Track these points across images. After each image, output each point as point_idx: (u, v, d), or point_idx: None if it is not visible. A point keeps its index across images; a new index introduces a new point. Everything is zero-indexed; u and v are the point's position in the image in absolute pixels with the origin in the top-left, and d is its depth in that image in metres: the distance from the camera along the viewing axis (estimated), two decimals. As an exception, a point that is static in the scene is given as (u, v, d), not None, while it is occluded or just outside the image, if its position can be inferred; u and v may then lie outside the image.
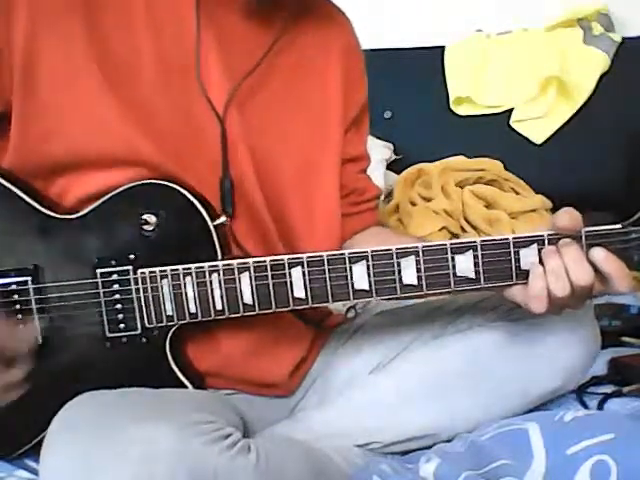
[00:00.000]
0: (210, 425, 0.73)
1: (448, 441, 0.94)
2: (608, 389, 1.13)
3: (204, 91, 0.89)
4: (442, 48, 2.26)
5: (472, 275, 0.83)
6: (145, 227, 0.85)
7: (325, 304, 0.85)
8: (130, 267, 0.85)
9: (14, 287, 0.85)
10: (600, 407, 1.09)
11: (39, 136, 0.86)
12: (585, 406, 1.08)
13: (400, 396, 0.96)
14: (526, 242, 0.82)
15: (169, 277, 0.84)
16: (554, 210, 1.87)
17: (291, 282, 0.83)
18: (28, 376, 0.85)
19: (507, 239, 0.83)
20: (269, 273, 0.83)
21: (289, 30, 0.97)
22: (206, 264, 0.84)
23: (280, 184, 0.96)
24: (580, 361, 0.99)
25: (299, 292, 0.84)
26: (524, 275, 0.83)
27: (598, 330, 1.01)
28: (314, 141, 1.00)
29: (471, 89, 2.20)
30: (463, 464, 0.82)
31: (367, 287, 0.83)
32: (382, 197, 2.01)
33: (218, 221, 0.87)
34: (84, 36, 0.85)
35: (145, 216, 0.85)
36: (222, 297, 0.84)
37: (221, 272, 0.84)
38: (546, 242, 0.82)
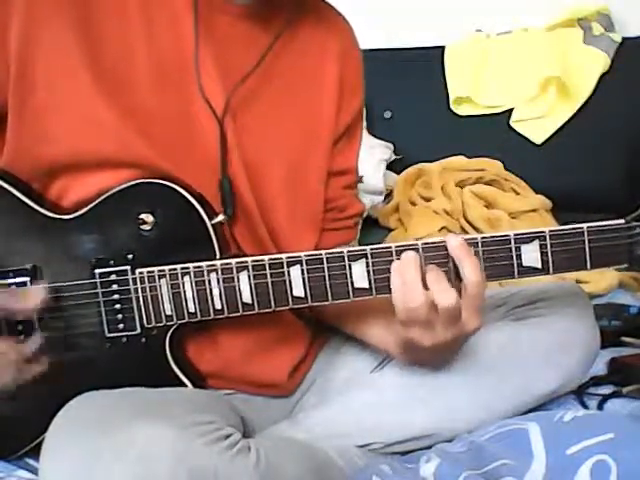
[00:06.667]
0: (210, 425, 0.73)
1: (448, 441, 0.93)
2: (608, 389, 1.13)
3: (203, 94, 0.89)
4: (442, 48, 2.26)
5: None
6: (143, 227, 0.85)
7: (325, 303, 0.85)
8: (128, 267, 0.85)
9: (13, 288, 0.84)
10: (600, 407, 1.09)
11: (35, 138, 0.85)
12: (585, 406, 1.08)
13: (401, 396, 0.96)
14: (527, 238, 0.81)
15: (167, 277, 0.84)
16: (554, 210, 1.88)
17: (290, 281, 0.83)
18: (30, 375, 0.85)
19: (508, 236, 0.82)
20: (268, 272, 0.83)
21: (286, 33, 0.97)
22: (204, 263, 0.84)
23: (269, 188, 0.95)
24: (580, 361, 0.98)
25: (298, 291, 0.83)
26: (525, 271, 0.82)
27: (598, 330, 1.00)
28: (304, 146, 0.99)
29: (471, 89, 2.20)
30: (463, 464, 0.82)
31: (367, 285, 0.83)
32: (382, 197, 2.02)
33: (216, 219, 0.87)
34: (79, 38, 0.85)
35: (142, 215, 0.85)
36: (221, 296, 0.84)
37: (219, 271, 0.83)
38: (547, 238, 0.81)
